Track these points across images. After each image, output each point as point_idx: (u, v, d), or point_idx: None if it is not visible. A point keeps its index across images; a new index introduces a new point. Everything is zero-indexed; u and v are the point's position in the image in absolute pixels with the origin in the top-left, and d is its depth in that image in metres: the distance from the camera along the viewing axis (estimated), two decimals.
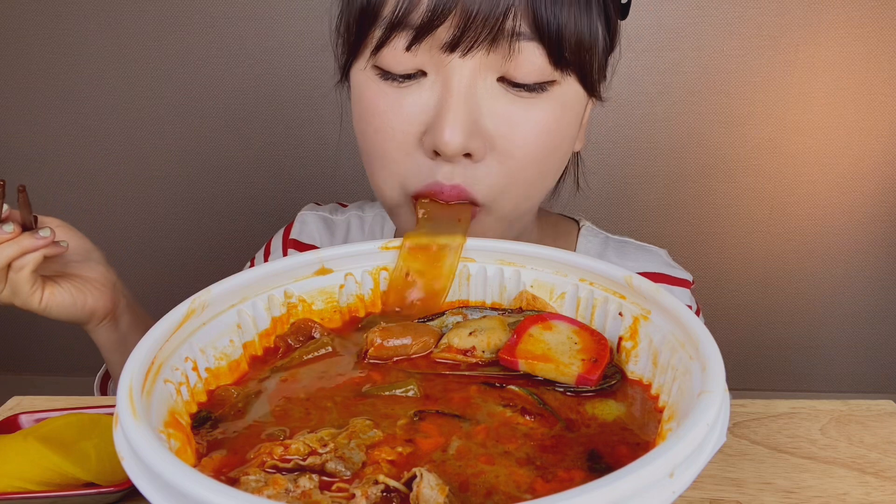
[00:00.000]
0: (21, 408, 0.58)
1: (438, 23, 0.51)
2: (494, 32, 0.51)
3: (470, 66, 0.52)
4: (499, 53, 0.52)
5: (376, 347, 0.44)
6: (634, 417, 0.39)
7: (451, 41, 0.51)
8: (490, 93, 0.54)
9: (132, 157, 1.70)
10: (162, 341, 0.38)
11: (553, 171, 0.61)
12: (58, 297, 0.69)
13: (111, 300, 0.73)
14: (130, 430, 0.30)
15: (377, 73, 0.56)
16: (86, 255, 0.72)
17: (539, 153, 0.56)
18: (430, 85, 0.54)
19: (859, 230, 1.68)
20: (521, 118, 0.55)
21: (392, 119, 0.55)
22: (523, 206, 0.60)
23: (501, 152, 0.55)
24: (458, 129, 0.52)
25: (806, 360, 1.82)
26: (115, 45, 1.60)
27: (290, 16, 1.56)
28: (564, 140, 0.59)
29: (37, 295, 0.67)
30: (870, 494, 0.46)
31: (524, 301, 0.49)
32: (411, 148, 0.56)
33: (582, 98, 0.58)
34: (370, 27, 0.54)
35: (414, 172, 0.57)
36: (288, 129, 1.65)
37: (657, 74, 1.57)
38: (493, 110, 0.54)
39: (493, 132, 0.54)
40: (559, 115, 0.56)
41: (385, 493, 0.31)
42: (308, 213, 0.84)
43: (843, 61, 1.54)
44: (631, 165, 1.65)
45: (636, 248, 0.79)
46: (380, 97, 0.56)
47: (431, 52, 0.53)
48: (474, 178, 0.56)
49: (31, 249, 0.64)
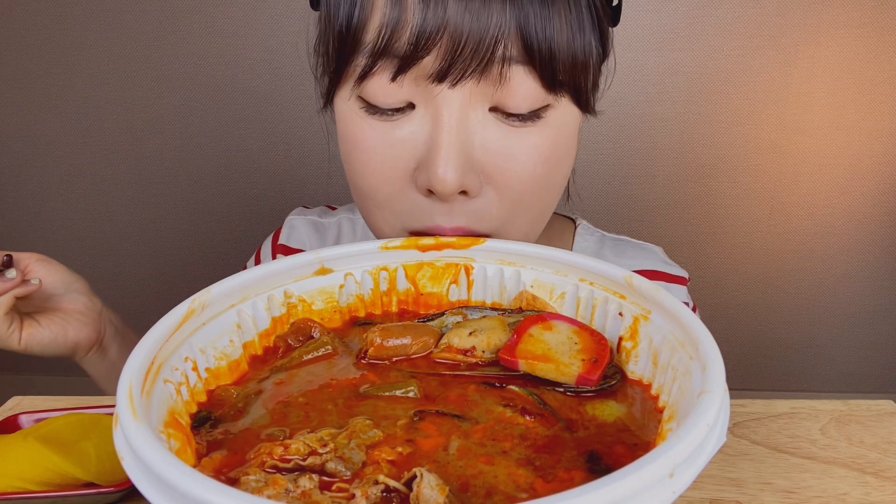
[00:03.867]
0: (21, 408, 0.58)
1: (424, 53, 0.47)
2: (485, 61, 0.47)
3: (460, 97, 0.49)
4: (489, 81, 0.49)
5: (376, 347, 0.44)
6: (634, 418, 0.39)
7: (438, 71, 0.48)
8: (482, 125, 0.51)
9: (132, 157, 1.70)
10: (162, 341, 0.38)
11: (555, 193, 0.58)
12: (36, 335, 0.69)
13: (95, 330, 0.73)
14: (130, 430, 0.30)
15: (362, 106, 0.52)
16: (66, 288, 0.72)
17: (538, 181, 0.54)
18: (420, 118, 0.51)
19: (859, 230, 1.68)
20: (516, 149, 0.52)
21: (382, 156, 0.52)
22: (532, 231, 0.58)
23: (498, 185, 0.52)
24: (452, 167, 0.49)
25: (806, 360, 1.82)
26: (115, 45, 1.60)
27: (290, 16, 1.56)
28: (562, 162, 0.56)
29: (15, 335, 0.67)
30: (870, 494, 0.46)
31: (524, 301, 0.49)
32: (404, 185, 0.53)
33: (577, 117, 0.56)
34: (352, 54, 0.51)
35: (410, 212, 0.54)
36: (288, 129, 1.65)
37: (657, 74, 1.57)
38: (486, 143, 0.51)
39: (487, 165, 0.51)
40: (555, 140, 0.53)
41: (385, 494, 0.31)
42: (296, 218, 0.81)
43: (843, 61, 1.54)
44: (631, 165, 1.65)
45: (632, 247, 0.79)
46: (367, 132, 0.52)
47: (418, 83, 0.49)
48: (475, 216, 0.53)
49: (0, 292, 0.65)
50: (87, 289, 0.74)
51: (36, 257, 0.70)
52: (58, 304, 0.72)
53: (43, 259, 0.70)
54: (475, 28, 0.47)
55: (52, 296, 0.71)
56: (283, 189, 1.70)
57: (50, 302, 0.72)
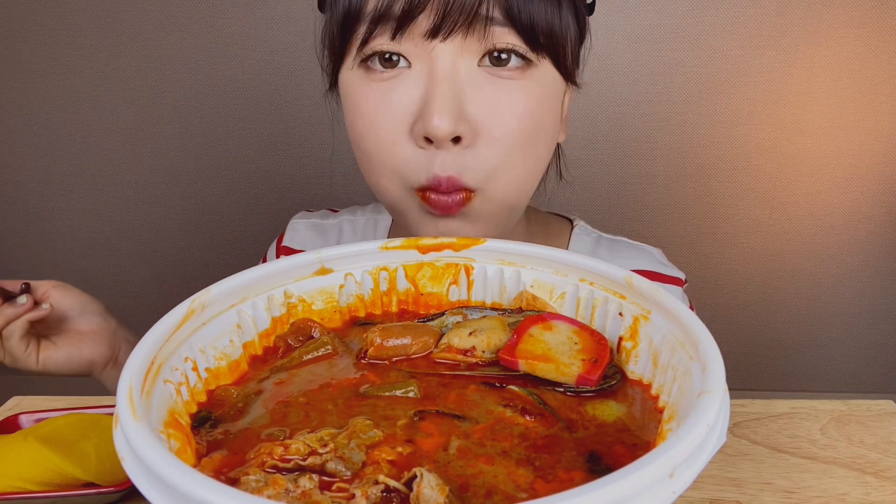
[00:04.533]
0: (21, 408, 0.58)
1: (419, 11, 0.54)
2: (471, 16, 0.54)
3: (451, 50, 0.56)
4: (475, 37, 0.56)
5: (376, 347, 0.44)
6: (634, 418, 0.39)
7: (431, 27, 0.55)
8: (472, 78, 0.57)
9: (132, 157, 1.70)
10: (162, 341, 0.38)
11: (540, 155, 0.63)
12: (53, 355, 0.74)
13: (109, 348, 0.78)
14: (130, 430, 0.30)
15: (364, 71, 0.59)
16: (82, 309, 0.77)
17: (523, 135, 0.59)
18: (416, 76, 0.57)
19: (859, 230, 1.68)
20: (503, 101, 0.58)
21: (382, 114, 0.58)
22: (518, 190, 0.62)
23: (487, 137, 0.58)
24: (446, 113, 0.55)
25: (806, 360, 1.82)
26: (115, 45, 1.60)
27: (290, 16, 1.56)
28: (547, 124, 0.61)
29: (32, 357, 0.72)
30: (870, 494, 0.46)
31: (524, 301, 0.49)
32: (403, 140, 0.58)
33: (559, 82, 0.61)
34: (355, 24, 0.58)
35: (410, 165, 0.59)
36: (288, 129, 1.65)
37: (657, 74, 1.57)
38: (476, 95, 0.57)
39: (477, 117, 0.57)
40: (539, 97, 0.59)
41: (385, 493, 0.31)
42: (299, 221, 0.86)
43: (843, 61, 1.54)
44: (631, 165, 1.65)
45: (628, 247, 0.79)
46: (368, 95, 0.59)
47: (415, 41, 0.56)
48: (465, 166, 0.58)
49: (14, 318, 0.70)
50: (101, 310, 0.79)
51: (52, 284, 0.75)
52: (73, 325, 0.77)
53: (59, 285, 0.75)
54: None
55: (68, 318, 0.76)
56: (284, 189, 1.70)
57: (66, 324, 0.76)
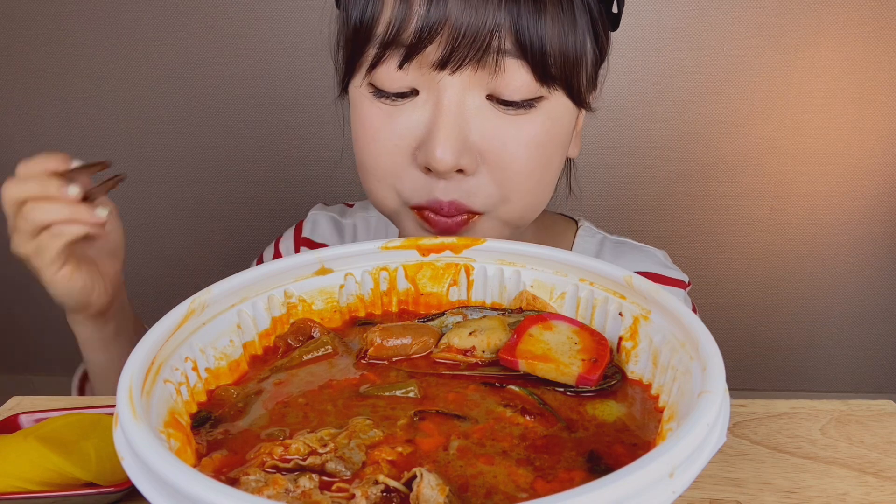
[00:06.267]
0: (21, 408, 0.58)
1: (428, 41, 0.53)
2: (481, 51, 0.53)
3: (459, 83, 0.55)
4: (486, 71, 0.54)
5: (376, 347, 0.44)
6: (634, 418, 0.39)
7: (440, 59, 0.53)
8: (479, 110, 0.56)
9: (132, 158, 1.70)
10: (162, 341, 0.38)
11: (550, 180, 0.62)
12: (71, 278, 0.65)
13: (110, 298, 0.71)
14: (130, 430, 0.30)
15: (371, 91, 0.58)
16: (114, 251, 0.70)
17: (530, 166, 0.58)
18: (422, 103, 0.56)
19: (859, 230, 1.68)
20: (510, 135, 0.56)
21: (385, 134, 0.57)
22: (527, 213, 0.62)
23: (493, 166, 0.57)
24: (449, 147, 0.54)
25: (806, 360, 1.82)
26: (115, 45, 1.60)
27: (290, 16, 1.56)
28: (556, 151, 0.60)
29: (55, 266, 0.63)
30: (870, 494, 0.46)
31: (524, 301, 0.49)
32: (405, 161, 0.58)
33: (571, 110, 0.60)
34: (364, 45, 0.57)
35: (409, 186, 0.58)
36: (288, 129, 1.65)
37: (657, 74, 1.57)
38: (482, 127, 0.56)
39: (482, 148, 0.56)
40: (548, 129, 0.58)
41: (385, 493, 0.31)
42: (319, 214, 0.85)
43: (843, 61, 1.54)
44: (631, 165, 1.65)
45: (632, 249, 0.79)
46: (374, 114, 0.58)
47: (422, 71, 0.55)
48: (469, 192, 0.57)
49: (80, 222, 0.61)
50: (123, 261, 0.72)
51: (115, 210, 0.68)
52: (99, 259, 0.69)
53: (117, 217, 0.69)
54: (473, 21, 0.52)
55: (102, 250, 0.69)
56: (283, 189, 1.70)
57: (95, 254, 0.69)
